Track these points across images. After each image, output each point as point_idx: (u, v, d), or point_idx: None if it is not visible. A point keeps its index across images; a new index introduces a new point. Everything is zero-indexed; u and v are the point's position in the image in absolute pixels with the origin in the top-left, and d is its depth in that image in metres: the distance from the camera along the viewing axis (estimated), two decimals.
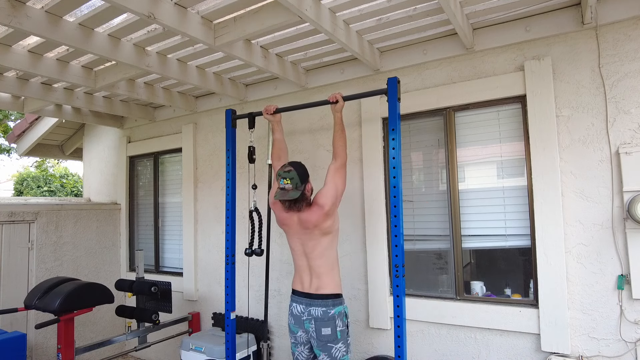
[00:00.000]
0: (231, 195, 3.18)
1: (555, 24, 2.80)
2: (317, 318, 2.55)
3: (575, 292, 2.73)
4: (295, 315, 2.65)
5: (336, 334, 2.54)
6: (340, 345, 2.55)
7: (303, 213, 2.60)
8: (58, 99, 3.96)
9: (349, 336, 2.63)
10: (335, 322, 2.54)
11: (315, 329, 2.55)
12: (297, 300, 2.66)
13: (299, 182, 2.53)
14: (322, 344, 2.55)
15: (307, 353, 2.70)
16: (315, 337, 2.56)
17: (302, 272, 2.68)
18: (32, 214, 4.37)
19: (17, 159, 16.53)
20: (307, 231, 2.61)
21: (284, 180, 2.53)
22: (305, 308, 2.60)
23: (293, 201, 2.57)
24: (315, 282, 2.60)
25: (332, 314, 2.54)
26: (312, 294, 2.59)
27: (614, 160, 2.65)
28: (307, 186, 2.62)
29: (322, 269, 2.60)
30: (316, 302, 2.57)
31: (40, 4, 2.47)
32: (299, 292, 2.67)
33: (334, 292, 2.59)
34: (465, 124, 3.20)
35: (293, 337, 2.71)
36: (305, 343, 2.67)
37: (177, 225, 4.84)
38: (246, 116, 3.21)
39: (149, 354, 4.81)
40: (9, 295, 4.13)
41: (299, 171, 2.56)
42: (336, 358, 2.54)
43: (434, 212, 3.30)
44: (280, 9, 2.51)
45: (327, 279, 2.60)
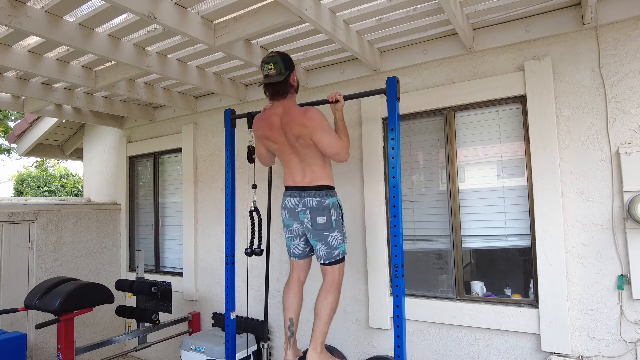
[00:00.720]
0: (231, 195, 3.18)
1: (555, 24, 2.80)
2: (311, 208, 2.55)
3: (575, 292, 2.73)
4: (290, 208, 2.64)
5: (331, 223, 2.55)
6: (336, 234, 2.57)
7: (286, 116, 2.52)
8: (58, 99, 3.96)
9: (344, 226, 2.65)
10: (330, 211, 2.55)
11: (311, 219, 2.56)
12: (291, 194, 2.64)
13: (283, 67, 2.50)
14: (318, 232, 2.56)
15: (302, 246, 2.72)
16: (311, 227, 2.57)
17: (293, 170, 2.63)
18: (32, 214, 4.37)
19: (17, 159, 16.54)
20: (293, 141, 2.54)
21: (268, 65, 2.50)
22: (299, 200, 2.59)
23: (277, 86, 2.53)
24: (308, 176, 2.58)
25: (326, 203, 2.54)
26: (305, 187, 2.58)
27: (614, 160, 2.65)
28: (292, 75, 2.59)
29: (315, 165, 2.58)
30: (310, 192, 2.56)
31: (40, 4, 2.47)
32: (292, 187, 2.64)
33: (327, 184, 2.59)
34: (465, 124, 3.20)
35: (288, 231, 2.71)
36: (300, 235, 2.68)
37: (177, 225, 4.84)
38: (245, 116, 3.20)
39: (149, 354, 4.80)
40: (9, 295, 4.13)
41: (283, 58, 2.52)
42: (333, 246, 2.56)
43: (434, 212, 3.30)
44: (280, 9, 2.51)
45: (319, 172, 2.58)
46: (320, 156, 2.59)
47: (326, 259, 2.58)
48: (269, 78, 2.51)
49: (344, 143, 2.57)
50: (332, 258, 2.57)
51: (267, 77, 2.52)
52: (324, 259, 2.59)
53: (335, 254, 2.57)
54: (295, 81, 2.63)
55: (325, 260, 2.58)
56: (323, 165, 2.60)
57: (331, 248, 2.57)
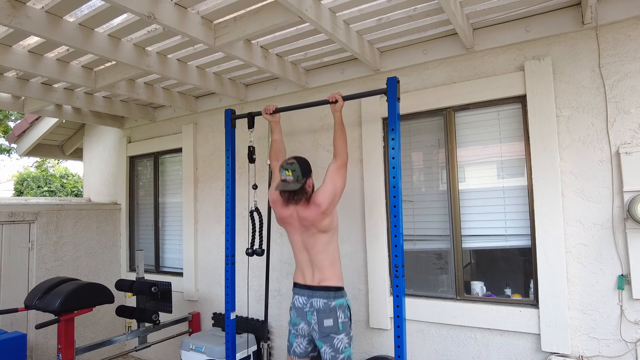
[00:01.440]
0: (231, 195, 3.18)
1: (555, 24, 2.80)
2: (318, 309, 2.56)
3: (575, 292, 2.73)
4: (298, 307, 2.66)
5: (338, 326, 2.54)
6: (343, 337, 2.56)
7: (301, 209, 2.61)
8: (58, 99, 3.96)
9: (351, 329, 2.64)
10: (337, 314, 2.55)
11: (318, 321, 2.56)
12: (299, 293, 2.67)
13: (300, 175, 2.55)
14: (324, 335, 2.55)
15: (305, 345, 2.70)
16: (317, 329, 2.57)
17: (303, 267, 2.69)
18: (32, 214, 4.37)
19: (17, 159, 16.54)
20: (306, 228, 2.63)
21: (286, 171, 2.56)
22: (307, 300, 2.61)
23: (292, 193, 2.58)
24: (317, 276, 2.61)
25: (333, 305, 2.55)
26: (314, 286, 2.60)
27: (614, 160, 2.65)
28: (309, 181, 2.63)
29: (324, 263, 2.61)
30: (318, 293, 2.58)
31: (40, 4, 2.47)
32: (300, 285, 2.67)
33: (336, 285, 2.60)
34: (466, 124, 3.20)
35: (294, 329, 2.71)
36: (305, 335, 2.68)
37: (177, 225, 4.84)
38: (245, 116, 3.21)
39: (149, 354, 4.81)
40: (9, 295, 4.14)
41: (301, 164, 2.58)
42: (338, 349, 2.54)
43: (434, 212, 3.30)
44: (280, 9, 2.51)
45: (328, 272, 2.60)
46: (331, 253, 2.63)
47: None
48: (285, 184, 2.56)
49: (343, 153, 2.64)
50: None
51: (284, 182, 2.57)
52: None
53: (340, 358, 2.56)
54: (310, 187, 2.66)
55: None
56: (332, 264, 2.63)
57: (336, 352, 2.55)
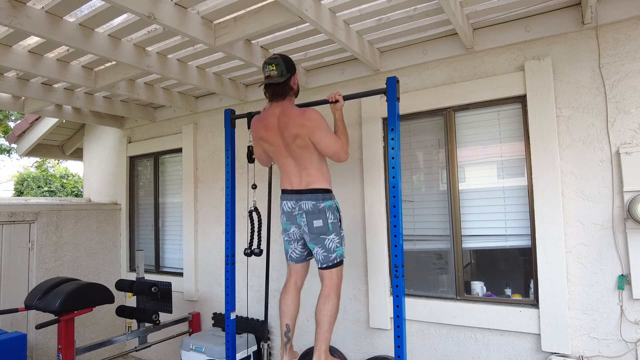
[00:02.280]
0: (231, 195, 3.18)
1: (555, 24, 2.80)
2: (307, 211, 2.55)
3: (575, 292, 2.73)
4: (287, 211, 2.65)
5: (328, 226, 2.54)
6: (333, 237, 2.56)
7: (284, 116, 2.53)
8: (58, 99, 3.96)
9: (342, 229, 2.64)
10: (326, 215, 2.54)
11: (307, 222, 2.56)
12: (287, 198, 2.64)
13: (284, 69, 2.52)
14: (314, 236, 2.56)
15: (300, 249, 2.71)
16: (308, 230, 2.57)
17: (290, 174, 2.64)
18: (33, 214, 4.37)
19: (17, 159, 16.54)
20: (288, 144, 2.55)
21: (270, 66, 2.52)
22: (295, 203, 2.59)
23: (277, 87, 2.54)
24: (305, 179, 2.58)
25: (322, 207, 2.54)
26: (301, 190, 2.58)
27: (614, 160, 2.65)
28: (293, 78, 2.60)
29: (310, 167, 2.57)
30: (306, 196, 2.56)
31: (40, 4, 2.47)
32: (288, 191, 2.64)
33: (324, 187, 2.58)
34: (466, 124, 3.20)
35: (286, 235, 2.72)
36: (298, 239, 2.68)
37: (177, 225, 4.84)
38: (245, 116, 3.20)
39: (149, 354, 4.80)
40: (9, 296, 4.14)
41: (285, 60, 2.55)
42: (330, 249, 2.55)
43: (434, 212, 3.30)
44: (280, 9, 2.51)
45: (316, 174, 2.58)
46: (317, 158, 2.58)
47: (324, 263, 2.57)
48: (269, 79, 2.52)
49: (343, 143, 2.57)
50: (329, 262, 2.57)
51: (268, 77, 2.53)
52: (321, 262, 2.58)
53: (333, 257, 2.57)
54: (295, 84, 2.64)
55: (323, 264, 2.58)
56: (319, 167, 2.60)
57: (328, 251, 2.56)
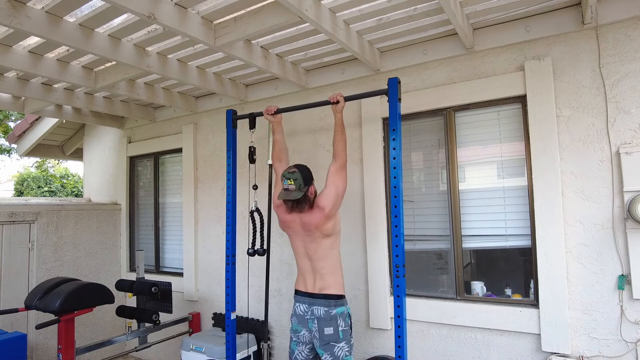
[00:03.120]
0: (231, 195, 3.18)
1: (555, 24, 2.80)
2: (319, 317, 2.56)
3: (575, 292, 2.73)
4: (299, 314, 2.67)
5: (339, 334, 2.55)
6: (343, 345, 2.56)
7: (305, 215, 2.62)
8: (58, 99, 3.96)
9: (352, 337, 2.64)
10: (337, 322, 2.55)
11: (318, 329, 2.57)
12: (300, 300, 2.67)
13: (302, 183, 2.56)
14: (324, 343, 2.56)
15: (306, 353, 2.71)
16: (318, 336, 2.57)
17: (305, 274, 2.70)
18: (33, 214, 4.37)
19: (17, 160, 16.54)
20: (309, 233, 2.63)
21: (288, 180, 2.57)
22: (308, 307, 2.62)
23: (296, 202, 2.59)
24: (318, 283, 2.62)
25: (334, 313, 2.55)
26: (315, 294, 2.61)
27: (614, 160, 2.65)
28: (311, 188, 2.64)
29: (325, 270, 2.62)
30: (318, 301, 2.58)
31: (40, 5, 2.47)
32: (302, 292, 2.68)
33: (337, 293, 2.61)
34: (466, 124, 3.20)
35: (295, 336, 2.72)
36: (307, 343, 2.68)
37: (178, 225, 4.84)
38: (247, 116, 3.21)
39: (149, 354, 4.80)
40: (9, 296, 4.14)
41: (303, 173, 2.60)
42: (339, 357, 2.55)
43: (435, 212, 3.30)
44: (280, 9, 2.51)
45: (330, 279, 2.61)
46: (333, 260, 2.63)
47: None
48: (288, 193, 2.56)
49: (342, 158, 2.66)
50: None
51: (287, 191, 2.57)
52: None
53: None
54: (312, 193, 2.67)
55: None
56: (334, 271, 2.64)
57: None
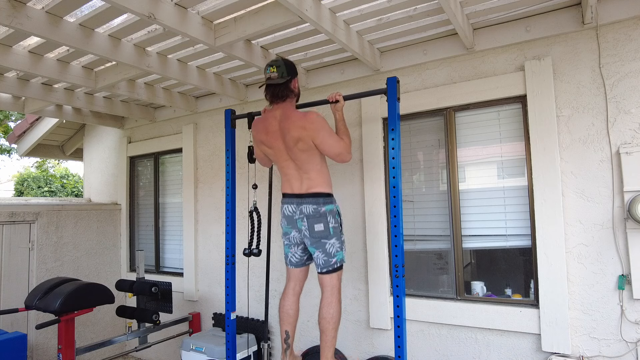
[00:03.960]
0: (231, 195, 3.18)
1: (555, 24, 2.80)
2: (308, 215, 2.55)
3: (575, 292, 2.73)
4: (288, 215, 2.65)
5: (329, 230, 2.54)
6: (334, 241, 2.56)
7: (285, 122, 2.52)
8: (58, 99, 3.96)
9: (342, 234, 2.64)
10: (327, 219, 2.54)
11: (308, 226, 2.55)
12: (288, 202, 2.64)
13: (285, 71, 2.53)
14: (315, 240, 2.56)
15: (300, 253, 2.71)
16: (309, 234, 2.57)
17: (290, 178, 2.64)
18: (33, 214, 4.38)
19: (17, 160, 16.56)
20: (290, 146, 2.54)
21: (271, 68, 2.53)
22: (296, 207, 2.59)
23: (276, 90, 2.54)
24: (305, 183, 2.58)
25: (323, 210, 2.54)
26: (302, 194, 2.58)
27: (614, 160, 2.65)
28: (294, 81, 2.60)
29: (312, 173, 2.57)
30: (307, 200, 2.56)
31: (40, 5, 2.48)
32: (289, 194, 2.64)
33: (325, 191, 2.59)
34: (466, 124, 3.20)
35: (286, 239, 2.72)
36: (298, 243, 2.68)
37: (178, 225, 4.85)
38: (245, 116, 3.20)
39: (149, 354, 4.81)
40: (9, 296, 4.14)
41: (287, 63, 2.56)
42: (330, 253, 2.55)
43: (435, 212, 3.30)
44: (280, 9, 2.51)
45: (317, 178, 2.58)
46: (318, 161, 2.58)
47: (324, 267, 2.57)
48: (270, 80, 2.54)
49: (346, 144, 2.58)
50: (329, 266, 2.57)
51: (269, 79, 2.55)
52: (321, 267, 2.58)
53: (333, 262, 2.57)
54: (296, 88, 2.64)
55: (323, 268, 2.57)
56: (320, 171, 2.60)
57: (329, 256, 2.56)
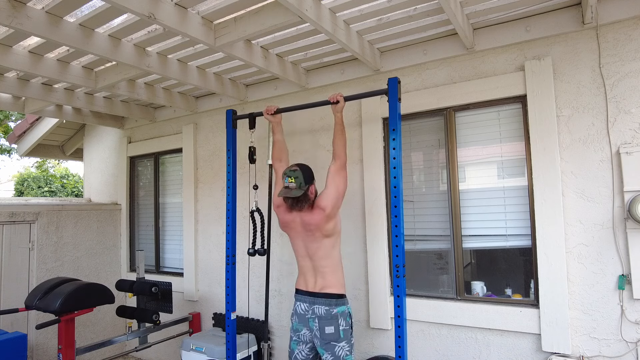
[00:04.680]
0: (231, 195, 3.18)
1: (555, 24, 2.80)
2: (320, 316, 2.56)
3: (576, 292, 2.73)
4: (300, 313, 2.66)
5: (339, 333, 2.55)
6: (344, 345, 2.56)
7: (305, 214, 2.62)
8: (59, 99, 3.96)
9: (352, 337, 2.63)
10: (338, 321, 2.55)
11: (319, 328, 2.57)
12: (301, 299, 2.67)
13: (302, 182, 2.57)
14: (325, 342, 2.56)
15: (306, 352, 2.71)
16: (319, 335, 2.57)
17: (306, 273, 2.70)
18: (33, 214, 4.38)
19: (17, 160, 16.56)
20: (310, 233, 2.63)
21: (289, 178, 2.57)
22: (309, 306, 2.61)
23: (295, 200, 2.60)
24: (319, 282, 2.62)
25: (335, 312, 2.55)
26: (316, 293, 2.61)
27: (614, 160, 2.65)
28: (311, 188, 2.65)
29: (327, 269, 2.62)
30: (319, 300, 2.58)
31: (40, 5, 2.47)
32: (302, 292, 2.68)
33: (338, 292, 2.61)
34: (466, 124, 3.20)
35: (296, 335, 2.72)
36: (307, 342, 2.68)
37: (178, 225, 4.85)
38: (247, 116, 3.21)
39: (149, 355, 4.81)
40: (9, 296, 4.14)
41: (304, 172, 2.60)
42: (339, 357, 2.55)
43: (435, 212, 3.30)
44: (280, 9, 2.51)
45: (331, 279, 2.61)
46: (333, 259, 2.63)
47: None
48: (288, 191, 2.58)
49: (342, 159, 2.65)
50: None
51: (287, 189, 2.59)
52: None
53: None
54: (313, 193, 2.67)
55: None
56: (334, 271, 2.64)
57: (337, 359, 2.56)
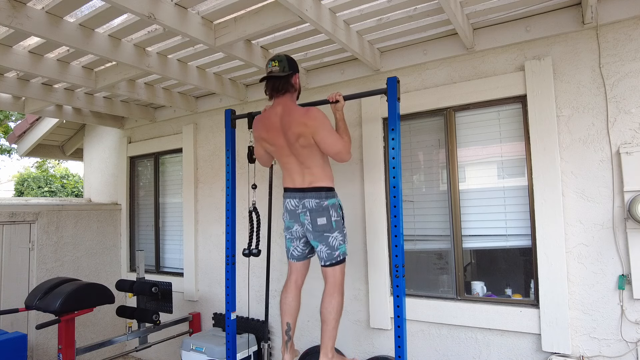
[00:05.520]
0: (231, 195, 3.18)
1: (555, 24, 2.80)
2: (311, 209, 2.55)
3: (576, 292, 2.73)
4: (290, 209, 2.65)
5: (331, 224, 2.56)
6: (337, 235, 2.57)
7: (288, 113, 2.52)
8: (59, 99, 3.96)
9: (344, 227, 2.65)
10: (330, 212, 2.55)
11: (311, 220, 2.56)
12: (291, 196, 2.64)
13: (286, 66, 2.54)
14: (318, 234, 2.57)
15: (302, 247, 2.72)
16: (311, 228, 2.58)
17: (292, 173, 2.63)
18: (33, 214, 4.38)
19: (17, 160, 16.56)
20: (291, 142, 2.54)
21: (272, 62, 2.54)
22: (299, 201, 2.59)
23: (277, 82, 2.55)
24: (308, 178, 2.59)
25: (325, 204, 2.55)
26: (305, 188, 2.58)
27: (614, 160, 2.65)
28: (295, 77, 2.61)
29: (313, 166, 2.58)
30: (309, 194, 2.56)
31: (40, 5, 2.48)
32: (291, 189, 2.64)
33: (327, 185, 2.59)
34: (466, 124, 3.20)
35: (288, 233, 2.73)
36: (300, 237, 2.69)
37: (178, 225, 4.85)
38: (245, 116, 3.20)
39: (149, 355, 4.80)
40: (9, 296, 4.14)
41: (289, 58, 2.58)
42: (333, 247, 2.57)
43: (435, 212, 3.30)
44: (280, 9, 2.51)
45: (320, 173, 2.58)
46: (320, 156, 2.58)
47: (327, 260, 2.58)
48: (271, 73, 2.55)
49: (346, 143, 2.58)
50: (332, 259, 2.58)
51: (270, 72, 2.56)
52: (324, 260, 2.59)
53: (336, 255, 2.58)
54: (297, 84, 2.64)
55: (326, 261, 2.58)
56: (322, 165, 2.60)
57: (332, 249, 2.57)
